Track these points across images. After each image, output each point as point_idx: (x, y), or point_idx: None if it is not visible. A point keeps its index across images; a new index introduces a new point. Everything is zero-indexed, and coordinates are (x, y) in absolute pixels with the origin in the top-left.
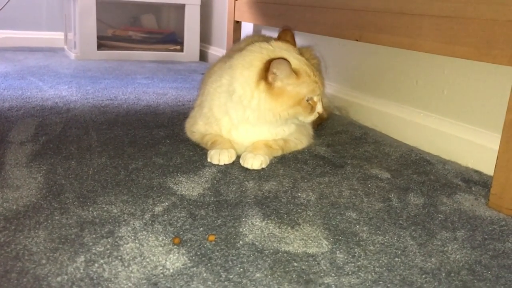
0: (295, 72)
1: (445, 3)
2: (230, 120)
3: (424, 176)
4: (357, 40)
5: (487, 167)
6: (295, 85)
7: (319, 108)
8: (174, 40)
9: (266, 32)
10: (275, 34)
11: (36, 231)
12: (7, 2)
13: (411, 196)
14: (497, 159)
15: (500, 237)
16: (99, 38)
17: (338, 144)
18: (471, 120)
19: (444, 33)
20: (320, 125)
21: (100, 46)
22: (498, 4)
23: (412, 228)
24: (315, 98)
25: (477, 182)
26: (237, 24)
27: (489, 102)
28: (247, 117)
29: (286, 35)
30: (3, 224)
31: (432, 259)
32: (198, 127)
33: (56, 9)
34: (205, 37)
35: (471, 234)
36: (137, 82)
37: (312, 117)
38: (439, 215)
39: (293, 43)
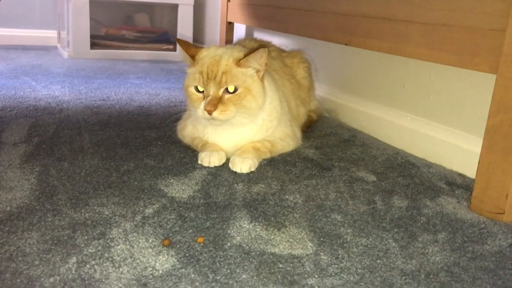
0: (195, 59)
1: (430, 11)
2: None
3: (409, 179)
4: (346, 44)
5: (471, 170)
6: (190, 67)
7: (202, 105)
8: (167, 39)
9: (258, 34)
10: (266, 37)
11: (29, 232)
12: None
13: (395, 199)
14: (478, 163)
15: (479, 239)
16: (92, 37)
17: (326, 146)
18: (456, 124)
19: (429, 39)
20: (309, 127)
21: (93, 45)
22: (480, 14)
23: (395, 230)
24: (205, 93)
25: (460, 185)
26: (230, 25)
27: (473, 107)
28: None
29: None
30: None
31: (413, 261)
32: (187, 131)
33: (50, 7)
34: (198, 37)
35: (452, 236)
36: (129, 82)
37: (199, 112)
38: (422, 218)
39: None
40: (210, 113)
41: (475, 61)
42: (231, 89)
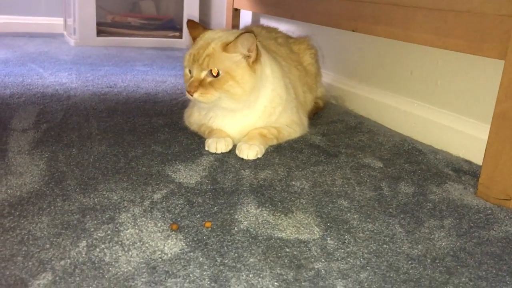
0: (194, 38)
1: None
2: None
3: (416, 166)
4: (353, 31)
5: (477, 157)
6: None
7: (187, 87)
8: (173, 26)
9: (265, 21)
10: (273, 23)
11: (40, 217)
12: None
13: (402, 185)
14: (485, 149)
15: (485, 225)
16: (98, 24)
17: (333, 133)
18: (463, 111)
19: (437, 25)
20: (316, 114)
21: (99, 32)
22: None
23: (401, 216)
24: (193, 73)
25: (467, 172)
26: (236, 12)
27: (481, 93)
28: None
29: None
30: (8, 210)
31: (419, 246)
32: (194, 117)
33: None
34: (204, 24)
35: (458, 222)
36: (136, 69)
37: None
38: (428, 204)
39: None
40: (191, 94)
41: (483, 47)
42: (214, 72)
